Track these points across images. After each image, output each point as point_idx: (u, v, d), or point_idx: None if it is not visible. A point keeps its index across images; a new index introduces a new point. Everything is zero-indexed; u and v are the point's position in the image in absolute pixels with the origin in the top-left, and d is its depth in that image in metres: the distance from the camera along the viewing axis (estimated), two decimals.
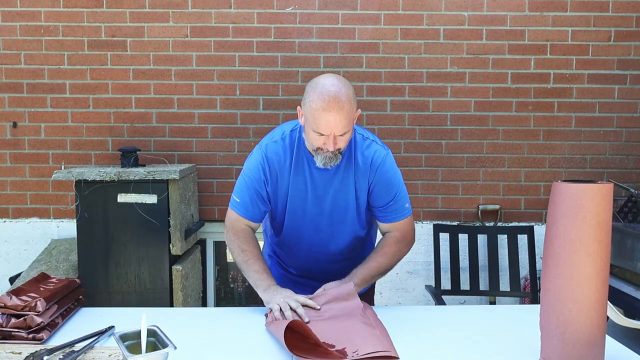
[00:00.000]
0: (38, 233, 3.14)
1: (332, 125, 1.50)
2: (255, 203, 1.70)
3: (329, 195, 1.69)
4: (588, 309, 1.17)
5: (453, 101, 3.11)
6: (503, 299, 3.08)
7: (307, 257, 1.80)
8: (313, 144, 1.57)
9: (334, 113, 1.49)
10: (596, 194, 1.16)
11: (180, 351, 1.24)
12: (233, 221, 1.73)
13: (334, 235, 1.75)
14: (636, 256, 2.37)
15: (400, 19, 3.07)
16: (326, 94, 1.50)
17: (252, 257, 1.67)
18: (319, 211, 1.71)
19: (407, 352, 1.34)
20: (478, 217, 3.15)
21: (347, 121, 1.52)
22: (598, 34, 3.08)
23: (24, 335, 1.37)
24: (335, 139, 1.53)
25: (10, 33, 3.06)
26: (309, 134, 1.56)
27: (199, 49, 3.08)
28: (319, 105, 1.50)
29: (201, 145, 3.13)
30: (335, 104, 1.49)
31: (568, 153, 3.15)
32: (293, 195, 1.69)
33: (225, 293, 3.44)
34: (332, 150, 1.54)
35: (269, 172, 1.67)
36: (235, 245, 1.70)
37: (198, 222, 3.03)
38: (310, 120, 1.53)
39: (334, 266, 1.79)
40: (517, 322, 1.57)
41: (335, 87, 1.51)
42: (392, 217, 1.73)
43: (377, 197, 1.71)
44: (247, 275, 1.67)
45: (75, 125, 3.12)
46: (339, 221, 1.73)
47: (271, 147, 1.68)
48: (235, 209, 1.72)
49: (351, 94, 1.53)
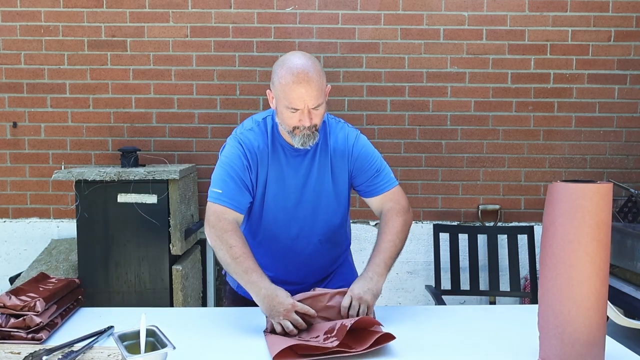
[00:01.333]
0: (38, 233, 3.14)
1: (305, 97, 1.49)
2: (240, 191, 1.59)
3: (308, 183, 1.65)
4: (587, 309, 1.17)
5: (453, 101, 3.11)
6: (503, 299, 3.08)
7: (286, 252, 1.71)
8: (288, 123, 1.54)
9: (304, 84, 1.48)
10: (594, 194, 1.16)
11: (179, 351, 1.24)
12: (219, 214, 1.56)
13: (314, 224, 1.69)
14: (636, 256, 2.37)
15: (400, 19, 3.07)
16: (294, 68, 1.49)
17: (242, 255, 1.51)
18: (298, 199, 1.66)
19: (407, 352, 1.34)
20: (478, 217, 3.15)
21: (319, 92, 1.50)
22: (598, 34, 3.08)
23: (23, 335, 1.37)
24: (310, 113, 1.51)
25: (10, 33, 3.06)
26: (283, 114, 1.54)
27: (199, 49, 3.08)
28: (288, 80, 1.48)
29: (201, 145, 3.13)
30: (305, 75, 1.48)
31: (568, 153, 3.15)
32: (271, 185, 1.64)
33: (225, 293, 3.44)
34: (309, 126, 1.52)
35: (250, 159, 1.62)
36: (223, 241, 1.52)
37: (198, 222, 3.03)
38: (282, 97, 1.51)
39: (314, 257, 1.72)
40: (517, 322, 1.57)
41: (301, 60, 1.51)
42: (381, 187, 1.69)
43: (360, 174, 1.68)
44: (237, 274, 1.51)
45: (75, 125, 3.12)
46: (318, 208, 1.67)
47: (247, 135, 1.65)
48: (219, 201, 1.57)
49: (319, 66, 1.53)
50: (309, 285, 1.74)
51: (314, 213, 1.68)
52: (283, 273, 1.73)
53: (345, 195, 1.72)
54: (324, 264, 1.78)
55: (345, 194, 1.71)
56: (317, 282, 1.79)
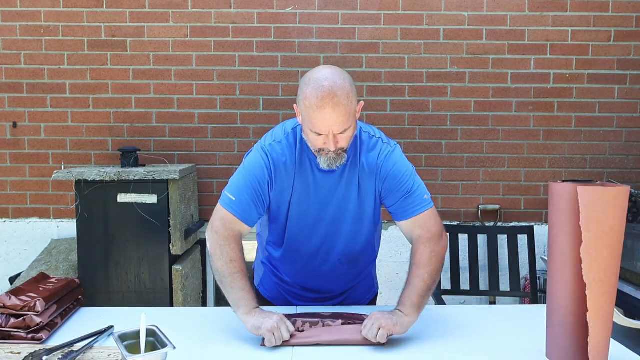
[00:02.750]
0: (38, 233, 3.14)
1: (330, 124, 1.36)
2: (254, 205, 1.51)
3: (333, 200, 1.55)
4: (594, 308, 1.17)
5: (453, 101, 3.11)
6: (503, 299, 3.08)
7: (305, 265, 1.65)
8: (313, 145, 1.43)
9: (329, 110, 1.34)
10: (600, 197, 1.14)
11: (179, 351, 1.24)
12: (226, 222, 1.49)
13: (335, 242, 1.61)
14: (636, 256, 2.37)
15: (400, 19, 3.07)
16: (319, 90, 1.35)
17: (240, 272, 1.45)
18: (321, 216, 1.57)
19: (407, 352, 1.34)
20: (478, 217, 3.15)
21: (346, 117, 1.37)
22: (598, 34, 3.08)
23: (23, 335, 1.37)
24: (336, 137, 1.38)
25: (10, 33, 3.06)
26: (308, 135, 1.43)
27: (199, 49, 3.08)
28: (312, 103, 1.35)
29: (201, 145, 3.13)
30: (330, 100, 1.34)
31: (568, 153, 3.15)
32: (296, 199, 1.54)
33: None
34: (334, 150, 1.41)
35: (274, 174, 1.51)
36: (224, 252, 1.47)
37: (198, 222, 3.03)
38: (306, 119, 1.40)
39: (333, 274, 1.66)
40: (517, 322, 1.57)
41: (328, 80, 1.36)
42: (409, 210, 1.53)
43: (389, 195, 1.55)
44: (229, 288, 1.45)
45: (75, 125, 3.12)
46: (341, 227, 1.59)
47: (275, 148, 1.53)
48: (230, 209, 1.50)
49: (348, 86, 1.38)
50: (324, 297, 1.72)
51: (335, 232, 1.59)
52: (301, 285, 1.71)
53: (370, 217, 1.60)
54: (344, 280, 1.70)
55: (371, 215, 1.60)
56: (335, 296, 1.74)
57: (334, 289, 1.72)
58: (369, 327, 1.35)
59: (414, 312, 1.41)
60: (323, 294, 1.72)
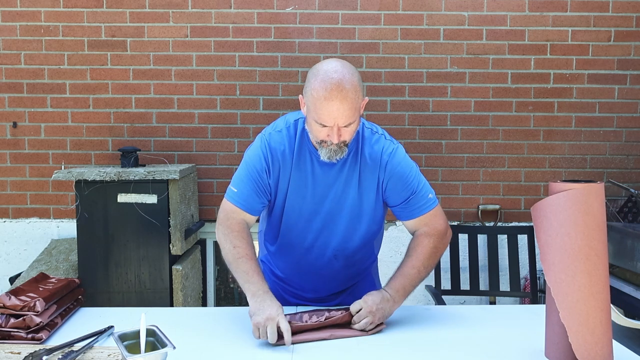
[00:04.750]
0: (38, 233, 3.14)
1: (335, 116, 1.38)
2: (255, 194, 1.54)
3: (330, 194, 1.55)
4: (592, 307, 1.17)
5: (453, 101, 3.11)
6: (503, 299, 3.08)
7: (300, 260, 1.65)
8: (316, 136, 1.44)
9: (336, 102, 1.36)
10: (586, 195, 1.16)
11: (179, 351, 1.24)
12: (228, 213, 1.56)
13: (330, 237, 1.60)
14: (636, 256, 2.37)
15: (400, 19, 3.07)
16: (328, 81, 1.37)
17: (244, 256, 1.50)
18: (318, 210, 1.57)
19: (407, 352, 1.34)
20: (478, 217, 3.15)
21: (352, 111, 1.39)
22: (598, 34, 3.08)
23: (23, 335, 1.37)
24: (340, 130, 1.40)
25: (10, 33, 3.06)
26: (312, 125, 1.44)
27: (199, 49, 3.08)
28: (320, 94, 1.37)
29: (201, 145, 3.13)
30: (339, 93, 1.36)
31: (568, 153, 3.15)
32: (292, 191, 1.55)
33: (225, 293, 3.44)
34: (337, 143, 1.42)
35: (272, 163, 1.53)
36: (228, 240, 1.53)
37: (198, 222, 3.03)
38: (312, 110, 1.41)
39: (328, 271, 1.65)
40: (517, 322, 1.57)
41: (338, 73, 1.38)
42: (415, 211, 1.56)
43: (393, 195, 1.56)
44: (236, 275, 1.50)
45: (75, 125, 3.12)
46: (336, 222, 1.58)
47: (274, 137, 1.55)
48: (232, 200, 1.56)
49: (356, 80, 1.40)
50: (322, 297, 1.71)
51: (331, 226, 1.59)
52: (297, 282, 1.70)
53: (370, 215, 1.59)
54: (340, 279, 1.70)
55: (370, 213, 1.59)
56: (332, 295, 1.73)
57: (329, 288, 1.71)
58: (360, 316, 1.45)
59: (402, 300, 1.52)
60: (319, 293, 1.71)
